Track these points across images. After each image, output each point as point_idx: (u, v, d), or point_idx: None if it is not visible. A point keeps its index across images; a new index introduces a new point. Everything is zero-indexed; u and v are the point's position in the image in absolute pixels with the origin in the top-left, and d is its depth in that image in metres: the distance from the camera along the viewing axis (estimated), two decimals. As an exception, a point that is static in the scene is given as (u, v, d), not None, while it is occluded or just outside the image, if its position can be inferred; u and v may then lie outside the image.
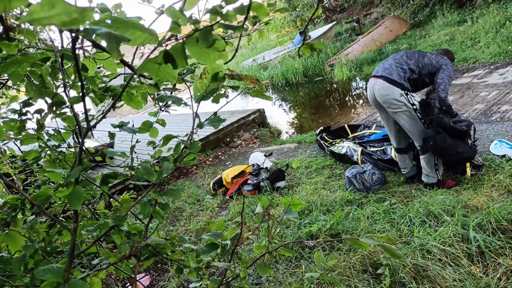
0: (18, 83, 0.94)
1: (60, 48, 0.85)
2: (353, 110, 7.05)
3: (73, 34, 0.52)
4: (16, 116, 1.09)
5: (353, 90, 8.42)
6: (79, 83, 0.72)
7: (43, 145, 1.16)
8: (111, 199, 1.02)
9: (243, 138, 6.20)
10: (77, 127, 1.05)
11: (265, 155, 4.49)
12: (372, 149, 3.67)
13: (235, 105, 9.32)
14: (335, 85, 9.06)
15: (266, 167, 4.16)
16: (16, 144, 1.46)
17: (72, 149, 1.25)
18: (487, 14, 7.82)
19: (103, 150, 1.14)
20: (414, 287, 1.79)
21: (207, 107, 1.51)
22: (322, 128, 4.79)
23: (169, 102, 0.86)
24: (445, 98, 2.57)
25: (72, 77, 1.08)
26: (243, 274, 0.92)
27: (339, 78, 9.07)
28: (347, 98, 8.08)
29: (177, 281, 2.55)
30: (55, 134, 1.18)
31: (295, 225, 2.73)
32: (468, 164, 2.70)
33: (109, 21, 0.41)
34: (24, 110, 1.07)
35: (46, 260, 0.81)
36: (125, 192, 1.25)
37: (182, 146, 0.82)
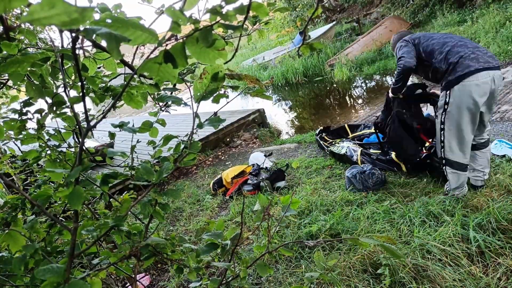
0: (18, 83, 0.94)
1: (60, 48, 0.85)
2: (353, 110, 7.06)
3: (73, 34, 0.52)
4: (16, 116, 1.09)
5: (353, 90, 8.43)
6: (79, 83, 0.72)
7: (43, 145, 1.16)
8: (111, 199, 1.02)
9: (243, 138, 6.20)
10: (77, 127, 1.05)
11: (265, 155, 4.49)
12: (372, 150, 3.67)
13: (235, 105, 9.32)
14: (335, 85, 9.06)
15: (266, 167, 4.16)
16: (16, 144, 1.47)
17: (72, 149, 1.25)
18: (487, 14, 7.82)
19: (103, 150, 1.14)
20: (414, 287, 1.79)
21: (207, 107, 1.51)
22: (321, 128, 4.79)
23: (169, 102, 0.86)
24: None
25: (72, 77, 1.09)
26: (243, 274, 0.92)
27: (339, 78, 9.07)
28: (347, 98, 8.09)
29: (177, 281, 2.55)
30: (55, 134, 1.18)
31: (295, 225, 2.73)
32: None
33: (109, 21, 0.41)
34: (24, 110, 1.08)
35: (46, 260, 0.81)
36: (125, 192, 1.25)
37: (182, 146, 0.82)
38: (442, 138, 2.33)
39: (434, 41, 2.32)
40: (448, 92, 2.20)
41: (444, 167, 2.42)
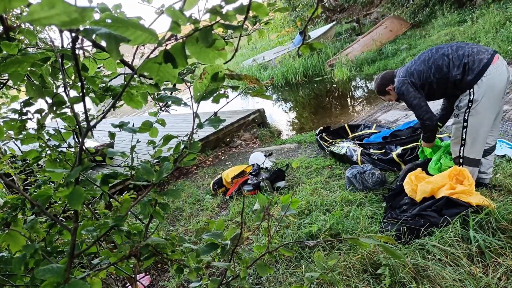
0: (18, 83, 0.94)
1: (60, 48, 0.85)
2: (353, 110, 7.06)
3: (73, 34, 0.52)
4: (16, 116, 1.09)
5: (353, 90, 8.43)
6: (79, 83, 0.72)
7: (44, 145, 1.16)
8: (111, 199, 1.02)
9: (243, 138, 6.21)
10: (77, 127, 1.05)
11: (265, 155, 4.50)
12: (372, 151, 3.67)
13: (235, 105, 9.33)
14: (335, 85, 9.06)
15: (266, 167, 4.17)
16: (16, 144, 1.47)
17: (72, 149, 1.25)
18: (487, 14, 7.83)
19: (103, 150, 1.14)
20: (414, 287, 1.79)
21: (207, 107, 1.51)
22: (321, 128, 4.79)
23: (169, 102, 0.86)
24: None
25: (72, 77, 1.09)
26: (243, 274, 0.92)
27: (339, 78, 9.07)
28: (347, 98, 8.09)
29: (177, 281, 2.55)
30: (56, 134, 1.18)
31: (295, 225, 2.73)
32: None
33: (109, 21, 0.41)
34: (24, 110, 1.08)
35: (46, 260, 0.81)
36: (125, 192, 1.25)
37: (182, 146, 0.82)
38: (464, 136, 2.32)
39: (430, 58, 2.31)
40: (471, 90, 2.18)
41: (461, 166, 2.44)
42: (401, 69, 2.50)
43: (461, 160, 2.41)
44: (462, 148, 2.37)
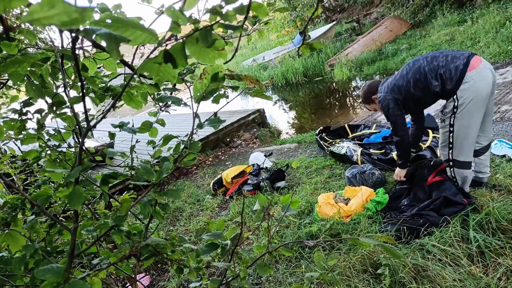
0: (18, 83, 0.94)
1: (60, 48, 0.85)
2: (353, 110, 7.06)
3: (73, 34, 0.52)
4: (16, 116, 1.09)
5: (353, 90, 8.43)
6: (79, 83, 0.72)
7: (43, 145, 1.16)
8: (111, 199, 1.02)
9: (243, 138, 6.20)
10: (77, 127, 1.05)
11: (265, 155, 4.50)
12: (372, 151, 3.67)
13: (235, 105, 9.33)
14: (335, 85, 9.06)
15: (266, 167, 4.17)
16: (16, 144, 1.47)
17: (72, 149, 1.25)
18: (487, 14, 7.83)
19: (103, 150, 1.14)
20: (414, 287, 1.79)
21: (207, 107, 1.51)
22: (321, 128, 4.79)
23: (169, 102, 0.86)
24: None
25: (72, 77, 1.09)
26: (243, 274, 0.92)
27: (339, 78, 9.07)
28: (347, 98, 8.09)
29: (177, 281, 2.55)
30: (55, 134, 1.18)
31: (295, 225, 2.73)
32: None
33: (109, 21, 0.41)
34: (24, 110, 1.08)
35: (46, 260, 0.81)
36: (125, 192, 1.25)
37: (182, 146, 0.82)
38: (451, 140, 2.32)
39: (408, 72, 2.33)
40: (455, 96, 2.18)
41: (451, 169, 2.42)
42: (384, 83, 2.52)
43: (451, 163, 2.41)
44: (450, 151, 2.37)
